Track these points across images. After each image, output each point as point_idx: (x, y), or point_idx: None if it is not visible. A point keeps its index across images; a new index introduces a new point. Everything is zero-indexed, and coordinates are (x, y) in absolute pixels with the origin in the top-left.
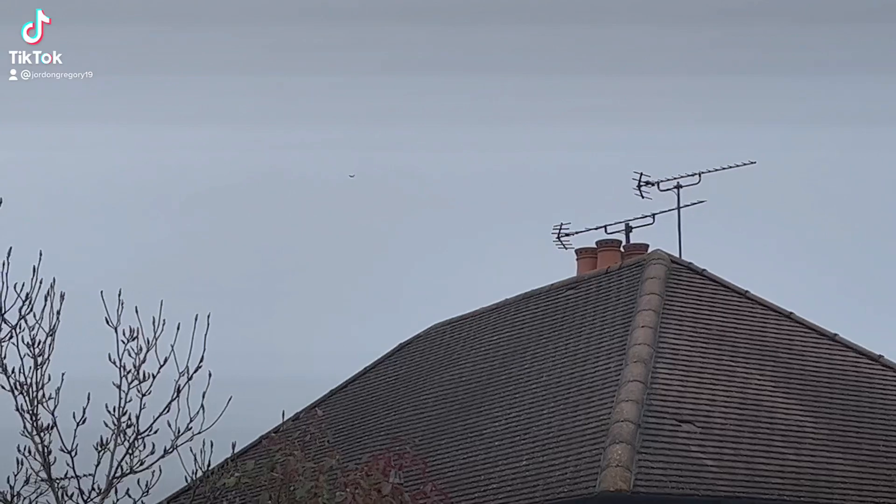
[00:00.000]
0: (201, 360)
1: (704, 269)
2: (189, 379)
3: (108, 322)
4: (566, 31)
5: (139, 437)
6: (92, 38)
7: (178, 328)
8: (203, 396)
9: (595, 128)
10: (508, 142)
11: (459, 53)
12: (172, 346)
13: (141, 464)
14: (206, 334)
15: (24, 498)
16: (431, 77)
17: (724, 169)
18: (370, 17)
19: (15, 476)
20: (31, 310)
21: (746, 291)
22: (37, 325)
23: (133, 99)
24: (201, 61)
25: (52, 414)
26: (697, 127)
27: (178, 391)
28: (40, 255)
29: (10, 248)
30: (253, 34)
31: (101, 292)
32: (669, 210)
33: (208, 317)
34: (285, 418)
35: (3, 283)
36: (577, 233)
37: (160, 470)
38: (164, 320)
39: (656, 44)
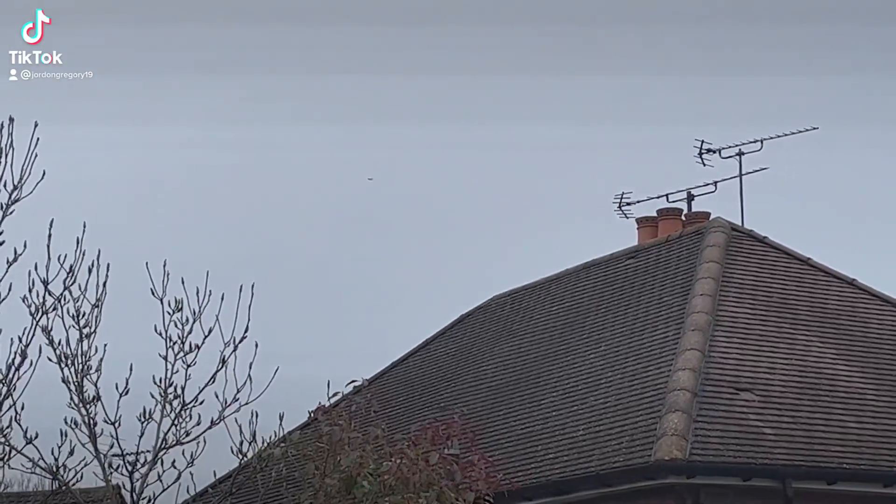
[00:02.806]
0: (246, 331)
1: (766, 237)
2: (234, 349)
3: (153, 293)
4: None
5: (185, 408)
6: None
7: (222, 298)
8: (250, 367)
9: (654, 97)
10: (570, 112)
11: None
12: (217, 317)
13: (187, 434)
14: (250, 305)
15: (70, 469)
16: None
17: (786, 135)
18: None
19: (59, 447)
20: (75, 281)
21: (809, 258)
22: (81, 297)
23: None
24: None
25: (96, 385)
26: (759, 93)
27: (224, 362)
28: (84, 226)
29: (52, 219)
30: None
31: (147, 263)
32: (731, 177)
33: (252, 286)
34: (330, 389)
35: (47, 254)
36: (638, 202)
37: (206, 441)
38: (209, 291)
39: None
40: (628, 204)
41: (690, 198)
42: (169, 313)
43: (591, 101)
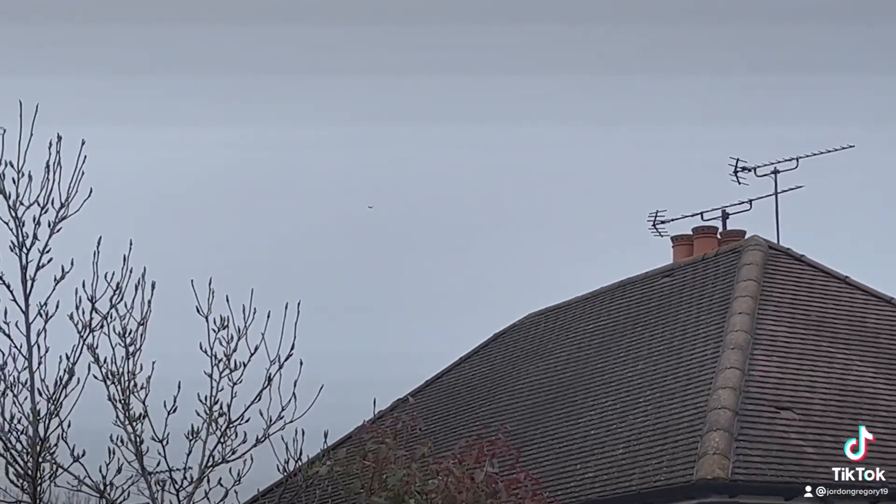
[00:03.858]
0: (292, 349)
1: (803, 255)
2: (280, 367)
3: (198, 311)
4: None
5: (231, 425)
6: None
7: (268, 316)
8: (294, 385)
9: (690, 114)
10: (604, 131)
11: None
12: (263, 335)
13: (233, 453)
14: (296, 322)
15: (117, 487)
16: (538, 77)
17: (822, 153)
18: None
19: (107, 465)
20: (122, 299)
21: (846, 277)
22: (128, 315)
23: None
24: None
25: (144, 403)
26: (795, 112)
27: (270, 380)
28: (130, 244)
29: (100, 237)
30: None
31: (192, 281)
32: (767, 196)
33: (298, 304)
34: (376, 407)
35: (93, 272)
36: (672, 220)
37: (252, 459)
38: (254, 309)
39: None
40: (662, 222)
41: (725, 216)
42: (214, 331)
43: (626, 120)
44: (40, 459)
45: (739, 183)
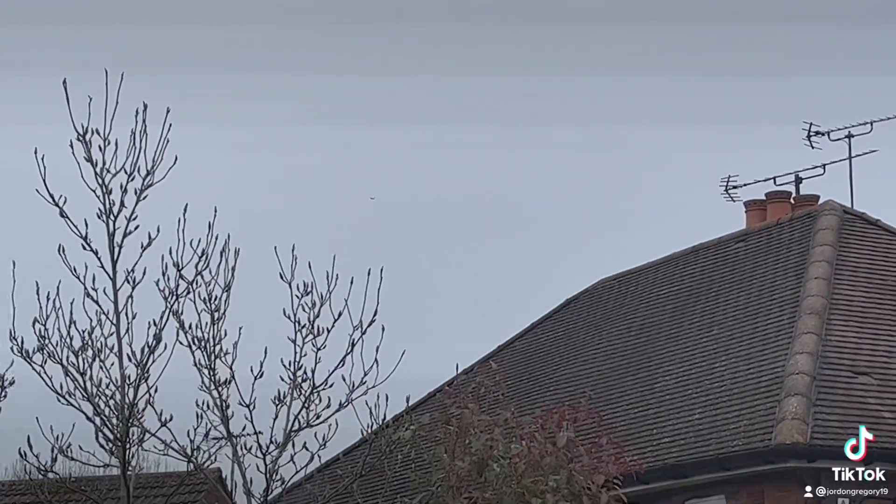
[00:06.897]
0: (375, 314)
1: (878, 220)
2: (363, 333)
3: (282, 277)
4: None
5: (315, 390)
6: None
7: (351, 282)
8: (377, 350)
9: (760, 78)
10: (676, 97)
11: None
12: (346, 301)
13: (317, 417)
14: (379, 288)
15: (204, 452)
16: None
17: None
18: None
19: (194, 430)
20: (208, 266)
21: None
22: (213, 281)
23: None
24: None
25: (231, 368)
26: (869, 74)
27: (353, 345)
28: (215, 211)
29: (186, 204)
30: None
31: (275, 248)
32: (841, 160)
33: (381, 270)
34: (458, 371)
35: (179, 239)
36: (745, 185)
37: (336, 423)
38: (336, 275)
39: None
40: (735, 187)
41: (798, 181)
42: (297, 297)
43: (698, 86)
44: (129, 424)
45: (813, 147)
